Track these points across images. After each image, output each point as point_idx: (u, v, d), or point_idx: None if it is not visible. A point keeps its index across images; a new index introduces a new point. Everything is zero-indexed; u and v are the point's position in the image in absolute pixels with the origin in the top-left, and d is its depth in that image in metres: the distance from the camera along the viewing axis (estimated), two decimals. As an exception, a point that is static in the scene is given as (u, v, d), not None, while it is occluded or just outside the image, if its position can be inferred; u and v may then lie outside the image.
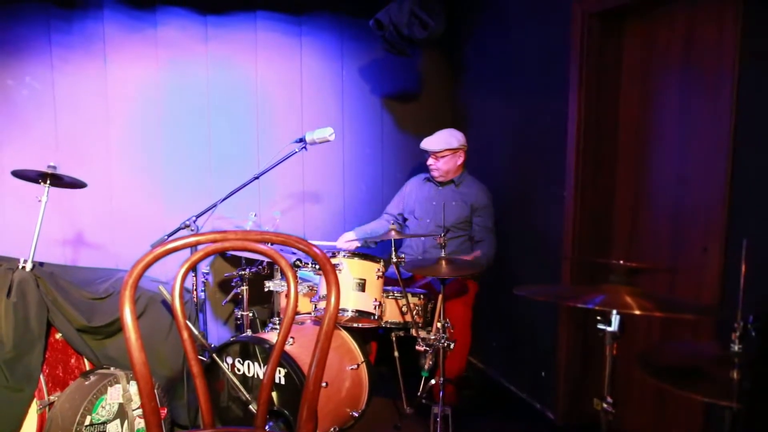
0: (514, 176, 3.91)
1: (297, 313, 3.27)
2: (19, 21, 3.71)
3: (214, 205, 3.06)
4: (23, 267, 2.86)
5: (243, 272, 3.38)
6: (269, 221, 3.63)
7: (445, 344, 2.92)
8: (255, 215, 3.43)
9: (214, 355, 2.87)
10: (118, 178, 3.92)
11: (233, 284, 3.53)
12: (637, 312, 1.65)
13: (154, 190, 4.01)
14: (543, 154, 3.55)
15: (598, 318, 1.84)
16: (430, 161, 3.69)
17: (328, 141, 3.17)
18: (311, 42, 4.37)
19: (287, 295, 3.24)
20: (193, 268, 3.12)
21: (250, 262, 3.51)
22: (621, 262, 1.87)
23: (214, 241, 1.51)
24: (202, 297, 3.17)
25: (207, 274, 3.67)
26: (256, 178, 3.13)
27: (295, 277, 1.58)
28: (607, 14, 3.07)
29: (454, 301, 3.44)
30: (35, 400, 2.83)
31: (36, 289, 2.83)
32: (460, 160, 3.69)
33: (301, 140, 3.19)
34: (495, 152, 4.12)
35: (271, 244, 1.67)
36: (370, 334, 3.55)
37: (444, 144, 3.62)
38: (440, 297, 2.95)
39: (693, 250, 2.74)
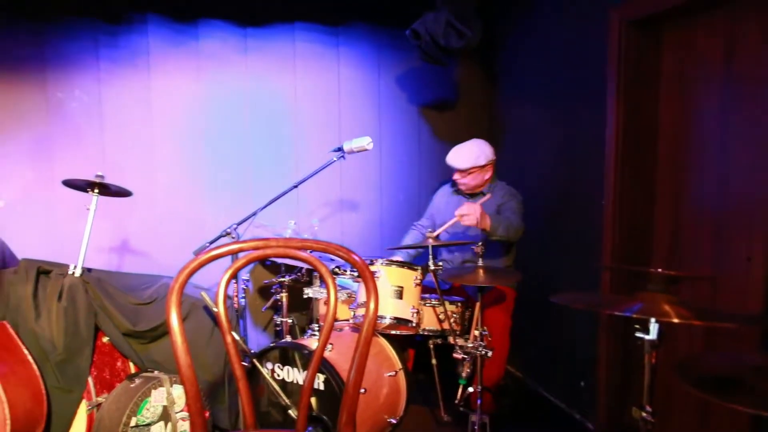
0: (551, 184, 3.89)
1: (335, 319, 3.30)
2: (69, 37, 3.86)
3: (254, 213, 3.13)
4: (73, 273, 2.97)
5: (282, 279, 3.43)
6: (307, 229, 3.68)
7: (483, 352, 2.92)
8: (294, 223, 3.49)
9: (255, 360, 2.92)
10: (162, 187, 4.04)
11: (273, 291, 3.59)
12: (675, 320, 1.63)
13: (195, 199, 4.11)
14: (581, 161, 3.53)
15: (637, 327, 1.83)
16: (457, 176, 3.65)
17: (366, 150, 3.21)
18: (348, 52, 4.43)
19: (326, 302, 3.31)
20: (235, 275, 3.20)
21: (290, 270, 3.56)
22: (659, 270, 1.86)
23: (257, 248, 1.55)
24: (243, 303, 3.23)
25: (247, 281, 3.74)
26: (295, 186, 3.18)
27: (335, 284, 1.62)
28: (644, 21, 3.05)
29: (492, 309, 3.44)
30: (84, 400, 2.93)
31: (85, 294, 2.93)
32: (488, 175, 3.63)
33: (339, 149, 3.23)
34: (532, 160, 4.11)
35: (311, 252, 1.72)
36: (408, 341, 3.57)
37: (472, 162, 3.55)
38: (478, 305, 2.96)
39: (736, 259, 2.69)
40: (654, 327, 1.77)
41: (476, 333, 2.95)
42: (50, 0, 3.80)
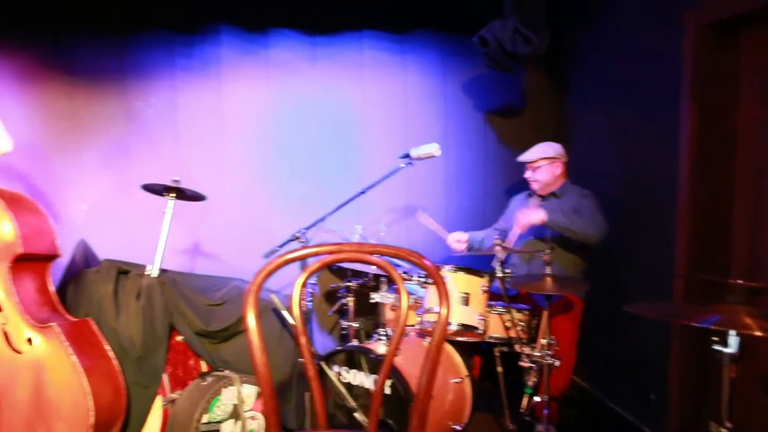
0: (622, 190, 3.80)
1: (401, 324, 3.32)
2: (147, 48, 4.04)
3: (323, 218, 3.18)
4: (150, 273, 3.10)
5: (350, 284, 3.48)
6: (373, 235, 3.72)
7: (550, 361, 2.88)
8: (361, 228, 3.53)
9: (322, 362, 2.97)
10: (232, 192, 4.16)
11: (339, 295, 3.64)
12: (758, 333, 1.58)
13: (264, 203, 4.21)
14: (653, 168, 3.44)
15: (715, 339, 1.78)
16: (528, 173, 3.67)
17: (434, 156, 3.22)
18: (415, 60, 4.46)
19: (393, 307, 3.33)
20: (310, 278, 3.27)
21: (356, 274, 3.61)
22: (741, 282, 1.80)
23: (331, 253, 1.59)
24: (309, 307, 3.29)
25: (314, 284, 3.80)
26: (363, 192, 3.22)
27: (406, 289, 1.64)
28: (721, 25, 2.95)
29: (560, 318, 3.39)
30: (160, 396, 3.05)
31: (161, 294, 3.06)
32: (559, 171, 3.63)
33: (407, 156, 3.26)
34: (601, 167, 4.02)
35: (382, 256, 1.74)
36: (474, 348, 3.56)
37: (540, 153, 3.59)
38: (545, 313, 2.92)
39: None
40: (734, 340, 1.71)
41: (543, 342, 2.92)
42: (130, 14, 3.99)
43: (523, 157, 3.66)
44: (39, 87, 3.95)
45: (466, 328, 3.05)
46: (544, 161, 3.60)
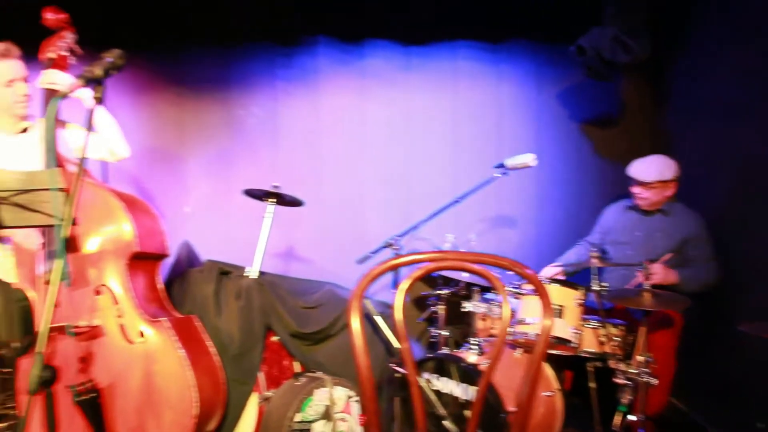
0: (726, 206, 3.63)
1: (492, 335, 3.32)
2: (249, 59, 4.24)
3: (416, 226, 3.23)
4: (249, 275, 3.24)
5: (441, 292, 3.50)
6: (464, 244, 3.73)
7: (647, 379, 2.80)
8: (453, 237, 3.55)
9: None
10: (327, 199, 4.27)
11: (429, 303, 3.67)
12: None
13: (357, 211, 4.31)
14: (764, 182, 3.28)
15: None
16: (638, 190, 3.52)
17: (529, 167, 3.21)
18: (509, 70, 4.44)
19: (485, 317, 3.32)
20: (394, 285, 3.32)
21: (447, 282, 3.62)
22: None
23: (433, 260, 1.62)
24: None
25: (403, 291, 3.85)
26: (457, 201, 3.25)
27: (507, 298, 1.65)
28: None
29: (658, 334, 3.28)
30: (255, 393, 3.18)
31: (260, 295, 3.19)
32: (670, 192, 3.48)
33: (501, 165, 3.26)
34: (708, 180, 3.85)
35: (475, 265, 1.75)
36: (566, 362, 3.49)
37: (657, 175, 3.43)
38: (642, 329, 2.84)
39: None
40: None
41: (640, 359, 2.84)
42: (234, 27, 4.19)
43: (639, 175, 3.48)
44: (149, 97, 4.22)
45: (559, 341, 3.01)
46: (659, 184, 3.45)
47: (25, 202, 2.04)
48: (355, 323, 1.59)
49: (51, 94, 2.77)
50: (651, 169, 3.46)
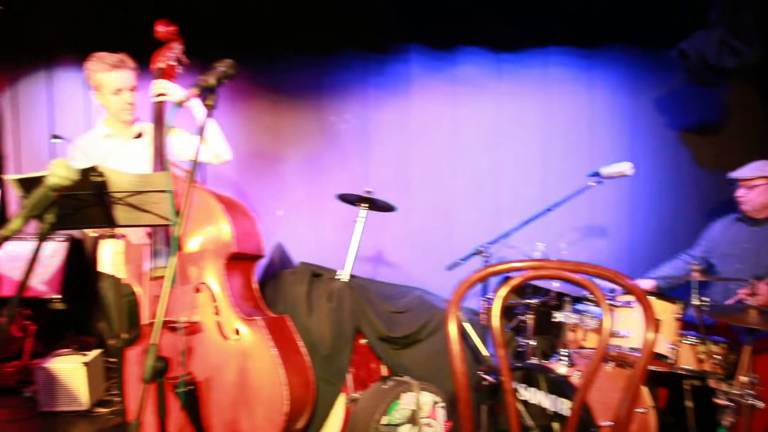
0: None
1: (582, 347, 3.24)
2: (343, 67, 4.34)
3: (506, 234, 3.21)
4: (340, 278, 3.30)
5: (530, 301, 3.44)
6: (555, 253, 3.66)
7: (752, 402, 2.65)
8: (544, 246, 3.49)
9: (501, 377, 2.98)
10: (416, 204, 4.31)
11: (517, 312, 3.62)
12: None
13: (446, 216, 4.32)
14: None
15: None
16: (741, 192, 3.38)
17: (625, 175, 3.12)
18: (602, 75, 4.34)
19: (575, 328, 3.24)
20: (483, 292, 3.31)
21: (536, 291, 3.57)
22: None
23: (533, 268, 1.61)
24: (479, 321, 3.32)
25: (491, 299, 3.82)
26: (549, 210, 3.20)
27: (610, 310, 1.61)
28: None
29: (764, 354, 3.10)
30: (343, 394, 3.23)
31: (350, 298, 3.25)
32: None
33: (596, 174, 3.19)
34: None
35: (575, 274, 1.72)
36: (661, 378, 3.36)
37: (757, 171, 3.30)
38: (747, 348, 2.70)
39: None
40: None
41: (744, 379, 2.69)
42: (327, 36, 4.30)
43: (738, 174, 3.39)
44: (246, 104, 4.40)
45: (656, 357, 2.90)
46: (762, 180, 3.31)
47: (137, 202, 2.16)
48: (452, 329, 1.59)
49: (160, 102, 2.93)
50: (752, 166, 3.36)
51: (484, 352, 3.08)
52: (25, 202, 1.64)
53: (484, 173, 4.33)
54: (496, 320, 1.63)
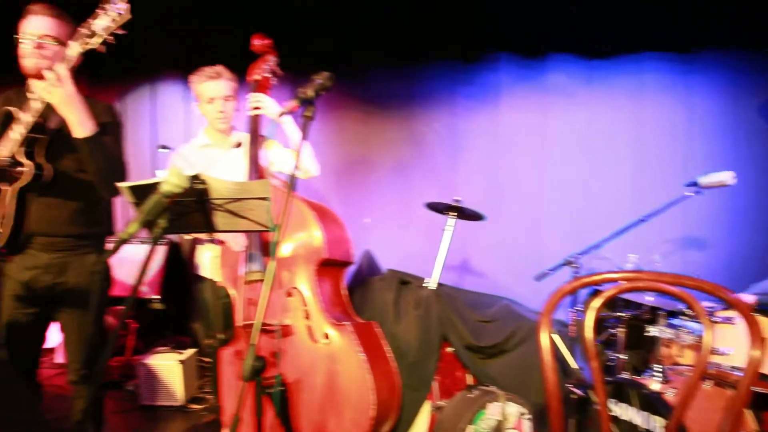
0: None
1: (677, 363, 3.12)
2: (432, 77, 4.39)
3: (598, 244, 3.14)
4: (428, 285, 3.33)
5: (621, 314, 3.35)
6: (647, 265, 3.54)
7: None
8: (636, 257, 3.39)
9: (589, 391, 2.92)
10: (504, 214, 4.28)
11: (607, 325, 3.52)
12: None
13: (534, 226, 4.27)
14: None
15: None
16: None
17: (726, 185, 2.99)
18: (700, 81, 4.17)
19: (669, 343, 3.13)
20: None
21: (628, 304, 3.46)
22: None
23: (628, 280, 1.58)
24: (569, 333, 3.25)
25: (580, 311, 3.74)
26: (643, 220, 3.11)
27: (711, 325, 1.56)
28: None
29: None
30: (428, 402, 3.25)
31: (437, 306, 3.27)
32: None
33: (694, 184, 3.07)
34: None
35: (673, 287, 1.67)
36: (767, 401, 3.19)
37: None
38: None
39: None
40: None
41: None
42: (417, 47, 4.35)
43: None
44: (336, 113, 4.52)
45: (762, 378, 2.76)
46: None
47: (235, 209, 2.25)
48: (544, 339, 1.59)
49: (256, 114, 3.06)
50: None
51: (573, 364, 3.01)
52: (141, 208, 1.77)
53: (575, 182, 4.25)
54: (588, 332, 1.61)
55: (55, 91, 2.31)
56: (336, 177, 4.46)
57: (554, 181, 4.27)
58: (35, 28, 2.43)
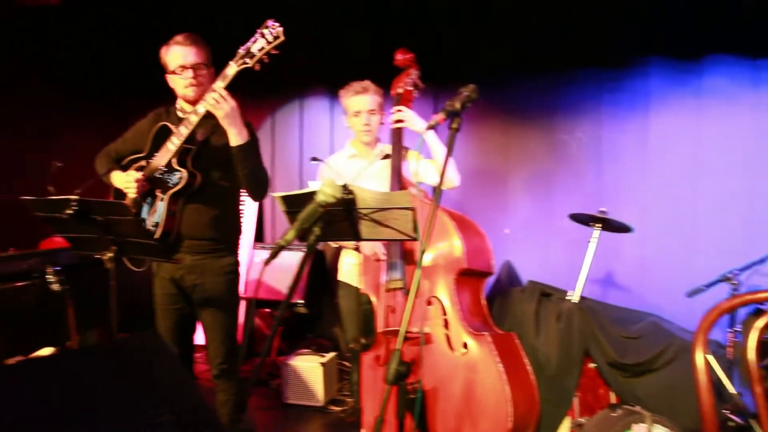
0: None
1: None
2: (575, 85, 4.27)
3: (762, 260, 2.91)
4: (570, 298, 3.25)
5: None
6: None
7: None
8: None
9: (751, 420, 2.71)
10: (653, 226, 4.05)
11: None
12: None
13: (686, 239, 4.00)
14: None
15: None
16: None
17: None
18: None
19: None
20: (730, 323, 3.03)
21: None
22: None
23: (798, 300, 1.47)
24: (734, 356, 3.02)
25: (739, 332, 3.47)
26: (815, 235, 2.84)
27: None
28: None
29: None
30: (568, 418, 3.17)
31: (580, 320, 3.18)
32: None
33: None
34: None
35: None
36: None
37: None
38: None
39: None
40: None
41: None
42: (560, 55, 4.25)
43: None
44: (477, 124, 4.51)
45: None
46: None
47: (380, 218, 2.34)
48: (699, 358, 1.52)
49: (399, 127, 3.16)
50: None
51: (731, 389, 2.80)
52: (298, 216, 1.90)
53: (734, 193, 3.93)
54: (751, 354, 1.52)
55: (220, 108, 2.55)
56: (475, 187, 4.45)
57: (711, 192, 3.97)
58: (185, 60, 2.71)
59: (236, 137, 2.64)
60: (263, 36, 2.50)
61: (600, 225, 3.28)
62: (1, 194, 3.82)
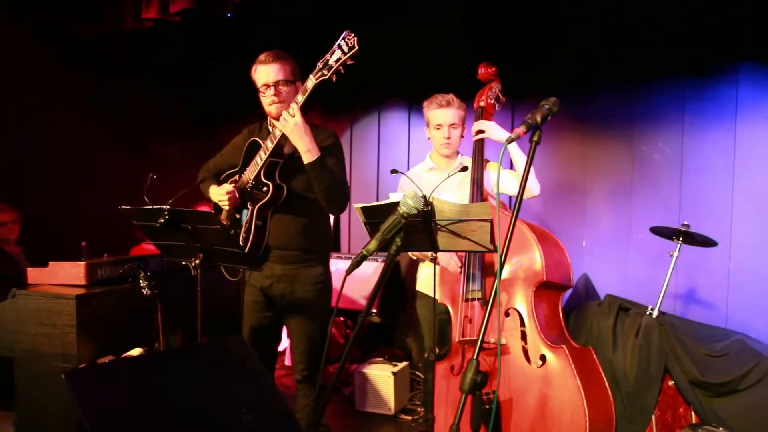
0: None
1: None
2: (656, 94, 4.16)
3: None
4: (650, 314, 3.18)
5: None
6: None
7: None
8: None
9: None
10: (740, 239, 3.90)
11: None
12: None
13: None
14: None
15: None
16: None
17: None
18: None
19: None
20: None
21: None
22: None
23: None
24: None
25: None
26: None
27: None
28: None
29: None
30: (648, 436, 3.10)
31: (659, 335, 3.11)
32: None
33: None
34: None
35: None
36: None
37: None
38: None
39: None
40: None
41: None
42: (641, 64, 4.16)
43: None
44: (555, 135, 4.48)
45: None
46: None
47: (457, 229, 2.37)
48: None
49: (480, 139, 3.18)
50: None
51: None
52: (380, 227, 1.96)
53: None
54: None
55: (286, 125, 2.65)
56: (553, 199, 4.41)
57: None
58: (267, 78, 2.81)
59: (305, 154, 2.70)
60: (340, 47, 2.54)
61: (683, 239, 3.20)
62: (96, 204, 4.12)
